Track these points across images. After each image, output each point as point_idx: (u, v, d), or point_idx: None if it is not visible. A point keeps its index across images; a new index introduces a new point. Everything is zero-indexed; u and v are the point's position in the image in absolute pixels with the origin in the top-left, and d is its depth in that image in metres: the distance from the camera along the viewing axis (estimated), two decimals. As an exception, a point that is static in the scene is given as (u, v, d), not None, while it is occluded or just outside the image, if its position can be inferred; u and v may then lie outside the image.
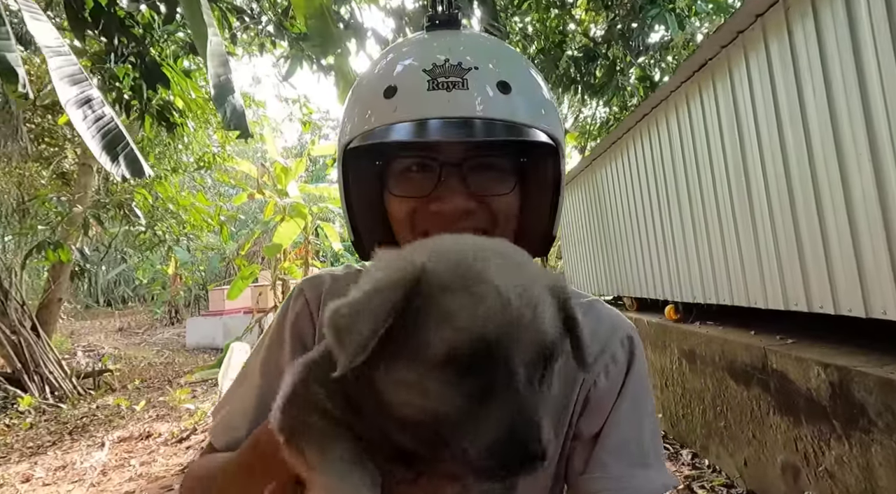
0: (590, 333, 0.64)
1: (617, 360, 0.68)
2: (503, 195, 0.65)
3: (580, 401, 0.68)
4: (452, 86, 0.59)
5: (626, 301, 5.33)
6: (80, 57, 5.80)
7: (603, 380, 0.67)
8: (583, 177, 6.09)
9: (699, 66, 3.37)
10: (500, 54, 0.69)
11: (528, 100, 0.64)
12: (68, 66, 1.69)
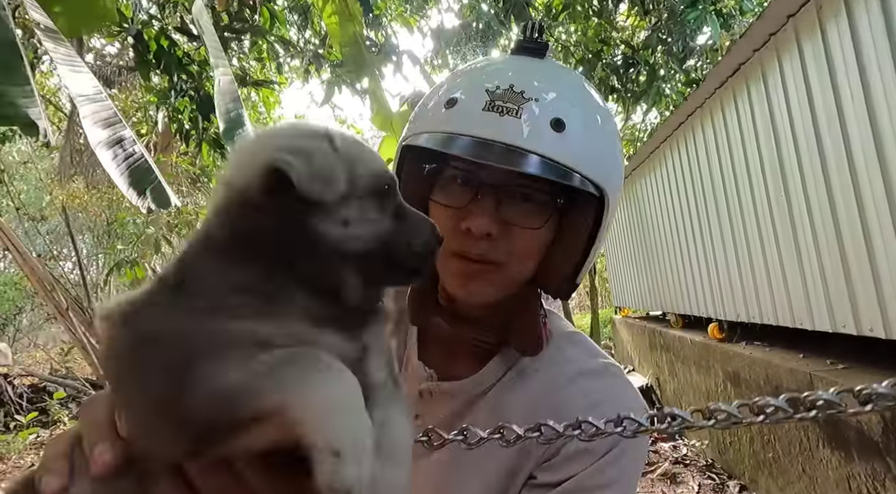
0: (588, 392, 0.65)
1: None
2: (531, 229, 0.63)
3: (550, 450, 0.65)
4: (506, 112, 0.59)
5: (671, 318, 5.05)
6: (147, 93, 6.45)
7: (581, 440, 0.65)
8: (623, 187, 5.89)
9: (732, 71, 3.19)
10: (571, 92, 0.66)
11: (582, 144, 0.61)
12: (103, 110, 1.91)
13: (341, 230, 0.39)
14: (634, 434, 0.65)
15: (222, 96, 1.81)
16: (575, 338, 0.76)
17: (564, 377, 0.69)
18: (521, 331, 0.68)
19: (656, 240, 5.10)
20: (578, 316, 14.50)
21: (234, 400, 0.31)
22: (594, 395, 0.68)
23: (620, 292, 6.64)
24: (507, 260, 0.64)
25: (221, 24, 5.42)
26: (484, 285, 0.65)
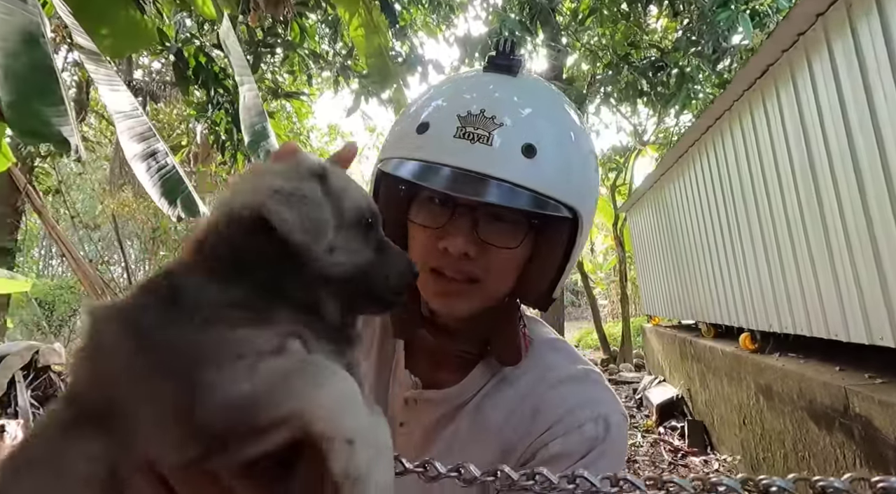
0: (566, 397, 0.66)
1: (584, 432, 0.65)
2: (507, 249, 0.64)
3: (526, 453, 0.66)
4: (477, 139, 0.59)
5: (702, 327, 4.87)
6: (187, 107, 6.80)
7: (559, 444, 0.64)
8: (652, 193, 5.74)
9: (760, 73, 3.08)
10: (544, 112, 0.65)
11: (553, 168, 0.61)
12: (138, 126, 2.05)
13: (326, 256, 0.42)
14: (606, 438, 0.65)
15: (247, 111, 1.90)
16: (556, 345, 0.77)
17: (545, 383, 0.70)
18: (501, 342, 0.70)
19: (686, 246, 4.95)
20: (610, 325, 14.17)
21: (250, 409, 0.33)
22: (571, 400, 0.68)
23: (651, 300, 6.46)
24: (484, 278, 0.65)
25: (256, 39, 5.69)
26: (462, 301, 0.66)
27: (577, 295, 21.66)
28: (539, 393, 0.69)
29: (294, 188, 0.42)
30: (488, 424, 0.69)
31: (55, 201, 11.08)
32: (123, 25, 3.01)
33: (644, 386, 6.08)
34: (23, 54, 1.19)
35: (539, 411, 0.68)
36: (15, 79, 1.15)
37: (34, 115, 1.19)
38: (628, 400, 6.26)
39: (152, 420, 0.34)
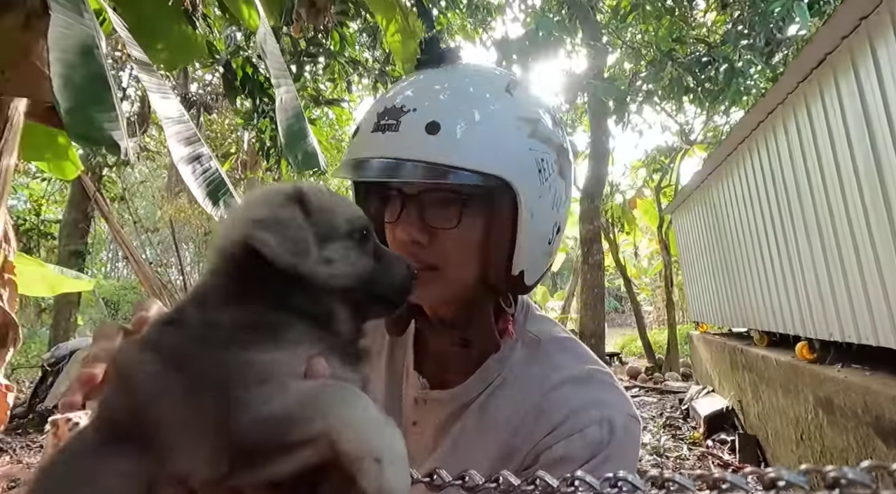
0: (570, 398, 0.65)
1: (586, 436, 0.63)
2: (448, 229, 0.65)
3: (528, 458, 0.65)
4: (387, 129, 0.62)
5: (755, 335, 4.59)
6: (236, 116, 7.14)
7: (561, 447, 0.63)
8: (698, 194, 5.48)
9: (817, 63, 2.89)
10: (455, 92, 0.66)
11: (463, 141, 0.61)
12: (185, 130, 2.17)
13: (325, 269, 0.45)
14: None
15: (284, 112, 1.97)
16: (565, 344, 0.75)
17: (549, 383, 0.68)
18: (476, 331, 0.70)
19: (736, 249, 4.69)
20: (655, 332, 13.62)
21: (281, 427, 0.35)
22: (575, 402, 0.66)
23: (698, 306, 6.16)
24: (442, 264, 0.66)
25: (299, 49, 5.91)
26: (428, 290, 0.66)
27: (621, 301, 20.98)
28: (543, 393, 0.68)
29: (273, 214, 0.44)
30: (493, 422, 0.69)
31: (120, 207, 11.91)
32: (177, 40, 3.21)
33: (691, 397, 5.80)
34: (80, 65, 1.29)
35: (543, 412, 0.66)
36: (73, 88, 1.24)
37: (89, 121, 1.28)
38: (674, 411, 5.98)
39: (185, 437, 0.36)
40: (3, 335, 2.48)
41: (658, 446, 4.74)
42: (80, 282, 3.49)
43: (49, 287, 3.30)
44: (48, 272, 3.22)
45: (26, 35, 1.93)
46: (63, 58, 1.21)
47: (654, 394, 7.04)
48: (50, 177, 10.87)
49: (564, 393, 0.67)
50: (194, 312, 0.42)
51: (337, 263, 0.46)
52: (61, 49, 1.21)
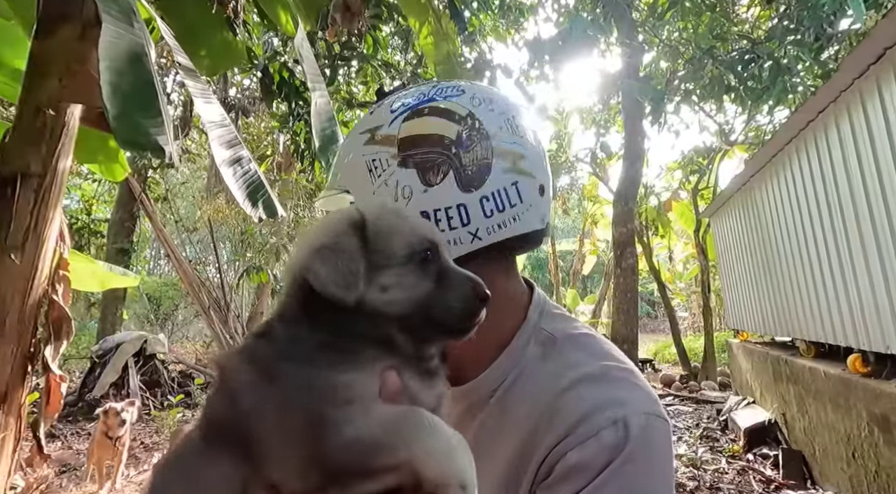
0: (584, 399, 0.62)
1: (601, 440, 0.59)
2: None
3: (544, 467, 0.61)
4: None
5: (801, 345, 4.36)
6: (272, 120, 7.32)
7: (576, 454, 0.59)
8: (740, 196, 5.26)
9: (875, 58, 2.71)
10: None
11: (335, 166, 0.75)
12: (227, 134, 2.24)
13: (380, 295, 0.45)
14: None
15: (318, 116, 2.01)
16: (581, 341, 0.71)
17: (563, 383, 0.65)
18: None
19: (781, 254, 4.47)
20: (691, 339, 13.16)
21: (368, 452, 0.37)
22: (587, 404, 0.62)
23: (737, 314, 5.90)
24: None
25: (333, 52, 6.02)
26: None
27: (654, 306, 20.36)
28: (556, 393, 0.64)
29: (329, 242, 0.46)
30: (511, 418, 0.67)
31: (163, 207, 12.44)
32: (218, 46, 3.32)
33: (730, 407, 5.56)
34: (128, 73, 1.34)
35: (556, 414, 0.62)
36: (121, 95, 1.30)
37: (135, 127, 1.33)
38: (711, 421, 5.75)
39: (278, 448, 0.39)
40: (57, 328, 2.62)
41: (695, 458, 4.56)
42: (127, 279, 3.66)
43: (99, 282, 3.46)
44: (98, 268, 3.39)
45: (82, 45, 2.03)
46: (112, 66, 1.26)
47: (690, 404, 6.79)
48: (100, 179, 11.46)
49: (577, 394, 0.63)
50: (280, 327, 0.46)
51: (392, 290, 0.46)
52: (111, 57, 1.26)
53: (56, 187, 2.58)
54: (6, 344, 2.36)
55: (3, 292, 2.39)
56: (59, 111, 2.48)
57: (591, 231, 13.61)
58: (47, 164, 2.51)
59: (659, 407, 0.63)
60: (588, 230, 13.68)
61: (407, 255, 0.47)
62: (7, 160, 2.44)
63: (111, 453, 3.95)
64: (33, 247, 2.48)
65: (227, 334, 9.65)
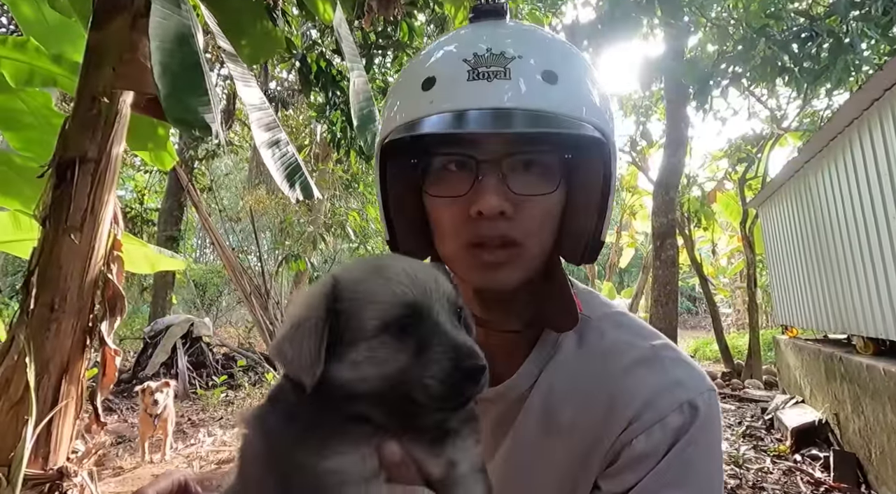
0: (639, 385, 0.60)
1: (667, 425, 0.58)
2: (545, 194, 0.60)
3: (610, 454, 0.60)
4: (494, 76, 0.55)
5: (857, 342, 4.09)
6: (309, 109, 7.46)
7: (642, 442, 0.58)
8: (793, 184, 4.96)
9: (952, 28, 2.48)
10: (548, 44, 0.63)
11: (577, 93, 0.59)
12: (266, 117, 2.30)
13: (349, 373, 0.42)
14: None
15: (356, 95, 2.02)
16: (618, 319, 0.68)
17: (615, 368, 0.62)
18: (552, 307, 0.64)
19: (837, 246, 4.20)
20: (734, 336, 12.61)
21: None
22: (648, 388, 0.60)
23: (787, 308, 5.60)
24: (524, 240, 0.59)
25: (369, 41, 6.06)
26: (507, 271, 0.60)
27: (695, 302, 19.63)
28: (610, 380, 0.62)
29: (297, 320, 0.44)
30: (560, 415, 0.63)
31: (208, 198, 12.98)
32: (259, 35, 3.41)
33: (776, 406, 5.30)
34: (177, 53, 1.39)
35: (615, 402, 0.60)
36: (171, 75, 1.35)
37: (185, 106, 1.39)
38: (755, 420, 5.51)
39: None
40: (112, 305, 2.79)
41: (737, 456, 4.39)
42: (175, 261, 3.85)
43: (150, 264, 3.65)
44: (149, 251, 3.57)
45: (133, 34, 2.13)
46: (162, 46, 1.31)
47: (733, 401, 6.53)
48: (152, 170, 12.05)
49: (634, 381, 0.61)
50: (281, 398, 0.45)
51: (362, 366, 0.42)
52: (160, 38, 1.32)
53: (110, 172, 2.72)
54: (67, 318, 2.53)
55: (64, 270, 2.55)
56: (112, 99, 2.61)
57: (630, 223, 13.22)
58: (102, 150, 2.65)
59: (709, 379, 0.62)
60: (626, 222, 13.30)
61: (379, 327, 0.42)
62: (67, 146, 2.60)
63: (152, 428, 4.20)
64: (90, 228, 2.63)
65: (267, 320, 10.01)
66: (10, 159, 3.30)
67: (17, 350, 2.39)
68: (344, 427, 0.41)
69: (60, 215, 2.55)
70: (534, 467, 0.64)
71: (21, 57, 3.12)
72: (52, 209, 2.55)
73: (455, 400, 0.42)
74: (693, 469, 0.58)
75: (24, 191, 3.27)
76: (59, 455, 2.59)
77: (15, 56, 3.13)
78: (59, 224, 2.54)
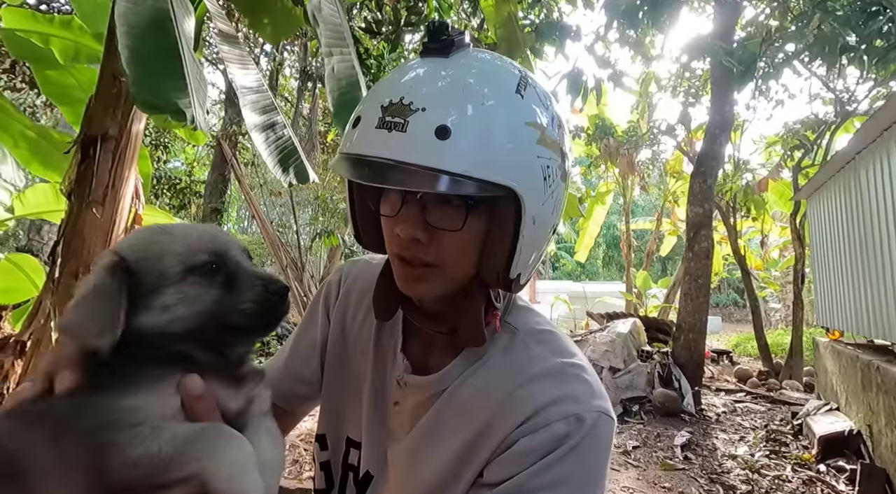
0: (538, 392, 0.67)
1: (551, 430, 0.63)
2: (452, 231, 0.64)
3: (497, 451, 0.66)
4: (393, 127, 0.59)
5: (900, 350, 3.77)
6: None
7: (526, 441, 0.64)
8: (842, 176, 4.54)
9: None
10: (467, 94, 0.62)
11: (471, 148, 0.59)
12: (262, 100, 2.33)
13: (161, 316, 0.46)
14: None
15: (337, 81, 2.00)
16: (542, 337, 0.74)
17: (521, 377, 0.69)
18: (465, 323, 0.70)
19: (885, 245, 3.83)
20: (781, 333, 11.93)
21: (157, 468, 0.39)
22: (545, 397, 0.66)
23: (828, 309, 5.22)
24: (440, 262, 0.66)
25: (399, 18, 5.97)
26: (423, 285, 0.67)
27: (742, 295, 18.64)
28: (513, 387, 0.68)
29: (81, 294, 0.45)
30: (468, 404, 0.70)
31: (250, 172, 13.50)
32: (279, 14, 3.44)
33: (807, 412, 5.01)
34: (149, 38, 1.43)
35: (512, 408, 0.66)
36: (141, 59, 1.39)
37: (154, 90, 1.43)
38: (783, 424, 5.24)
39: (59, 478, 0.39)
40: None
41: (751, 461, 4.21)
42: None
43: (174, 237, 3.87)
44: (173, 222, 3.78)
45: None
46: (131, 31, 1.35)
47: (764, 402, 6.23)
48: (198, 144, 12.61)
49: (534, 389, 0.67)
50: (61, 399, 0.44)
51: (173, 308, 0.46)
52: (129, 24, 1.35)
53: (130, 149, 2.87)
54: (91, 286, 2.74)
55: (88, 241, 2.74)
56: (130, 78, 2.73)
57: (672, 209, 12.62)
58: (123, 128, 2.79)
59: (609, 405, 0.67)
60: (668, 208, 12.70)
61: (185, 270, 0.47)
62: (90, 124, 2.75)
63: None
64: (112, 203, 2.80)
65: (301, 291, 10.41)
66: (49, 135, 3.54)
67: (43, 315, 2.62)
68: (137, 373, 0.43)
69: (84, 189, 2.72)
70: (430, 449, 0.71)
71: (68, 35, 3.31)
72: (77, 184, 2.73)
73: (271, 317, 0.49)
74: (567, 475, 0.62)
75: (62, 164, 3.52)
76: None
77: (62, 34, 3.32)
78: (83, 198, 2.72)
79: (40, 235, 7.64)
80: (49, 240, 7.57)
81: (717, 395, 6.59)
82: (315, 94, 9.76)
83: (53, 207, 3.64)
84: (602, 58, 6.07)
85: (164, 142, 11.08)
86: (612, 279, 21.83)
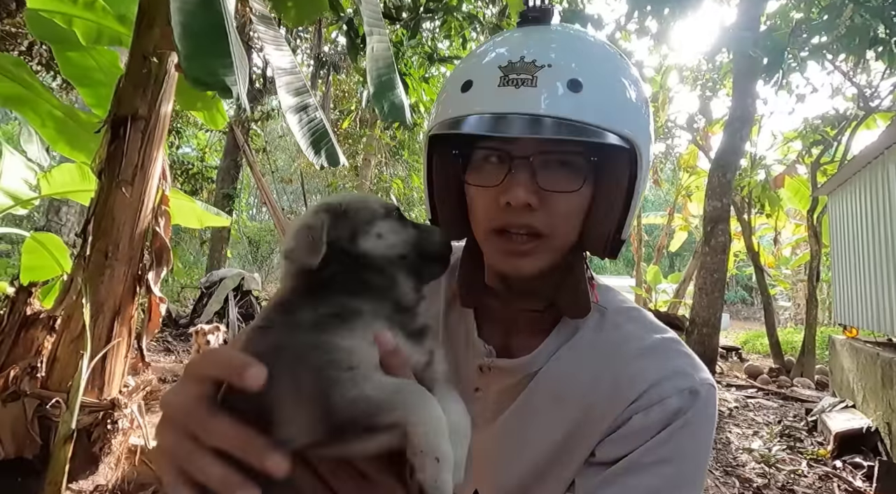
0: (645, 370, 0.66)
1: (666, 406, 0.63)
2: (569, 192, 0.64)
3: (609, 430, 0.65)
4: (521, 83, 0.60)
5: (923, 349, 3.74)
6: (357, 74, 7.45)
7: (640, 418, 0.63)
8: (868, 171, 4.47)
9: None
10: (583, 52, 0.66)
11: (603, 100, 0.62)
12: (296, 82, 2.32)
13: (378, 242, 0.53)
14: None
15: (375, 61, 1.99)
16: (632, 314, 0.73)
17: (626, 354, 0.68)
18: (567, 295, 0.69)
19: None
20: (790, 331, 11.87)
21: (371, 409, 0.41)
22: (654, 373, 0.65)
23: (847, 307, 5.17)
24: (549, 231, 0.64)
25: (419, 5, 5.92)
26: (530, 259, 0.65)
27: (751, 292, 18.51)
28: (618, 364, 0.67)
29: (299, 223, 0.53)
30: (569, 385, 0.68)
31: (262, 159, 13.51)
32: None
33: (822, 408, 5.00)
34: (199, 15, 1.42)
35: (620, 383, 0.65)
36: (192, 35, 1.39)
37: (204, 67, 1.42)
38: (797, 420, 5.23)
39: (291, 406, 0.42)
40: (159, 256, 3.00)
41: (767, 455, 4.21)
42: (220, 218, 4.06)
43: (197, 219, 3.88)
44: (196, 207, 3.79)
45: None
46: (183, 7, 1.35)
47: (776, 399, 6.22)
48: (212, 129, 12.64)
49: (640, 366, 0.66)
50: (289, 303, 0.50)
51: (387, 235, 0.54)
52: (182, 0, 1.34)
53: (159, 129, 2.87)
54: (120, 265, 2.76)
55: (117, 220, 2.76)
56: (161, 59, 2.73)
57: (685, 205, 12.52)
58: (152, 108, 2.79)
59: (710, 376, 0.67)
60: (681, 203, 12.60)
61: (386, 212, 0.56)
62: (120, 104, 2.75)
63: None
64: (141, 183, 2.81)
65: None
66: (76, 115, 3.55)
67: (75, 291, 2.65)
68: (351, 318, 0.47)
69: (114, 169, 2.73)
70: (530, 431, 0.70)
71: (90, 16, 3.29)
72: (107, 163, 2.74)
73: (447, 256, 0.59)
74: (682, 449, 0.62)
75: (88, 144, 3.53)
76: (112, 387, 2.88)
77: (85, 15, 3.30)
78: (113, 177, 2.73)
79: (59, 216, 7.71)
80: (67, 222, 7.63)
81: (729, 390, 6.58)
82: (328, 81, 9.73)
83: (79, 187, 3.66)
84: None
85: (177, 127, 11.08)
86: (620, 273, 21.76)
